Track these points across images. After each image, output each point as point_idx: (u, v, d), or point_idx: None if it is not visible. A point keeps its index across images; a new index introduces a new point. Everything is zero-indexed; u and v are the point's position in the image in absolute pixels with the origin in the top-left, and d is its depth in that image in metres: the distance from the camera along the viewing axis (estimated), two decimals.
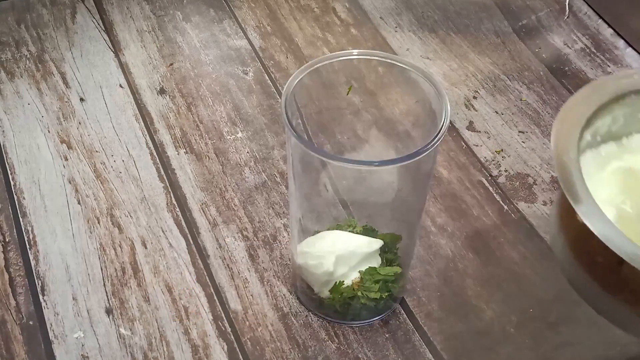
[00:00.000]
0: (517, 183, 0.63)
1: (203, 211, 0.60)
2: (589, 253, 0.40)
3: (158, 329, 0.53)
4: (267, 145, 0.65)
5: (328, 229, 0.53)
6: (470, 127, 0.67)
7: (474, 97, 0.70)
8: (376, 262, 0.51)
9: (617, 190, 0.43)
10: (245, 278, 0.56)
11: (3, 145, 0.64)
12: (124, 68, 0.72)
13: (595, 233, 0.36)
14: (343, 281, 0.50)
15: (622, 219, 0.41)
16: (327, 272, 0.50)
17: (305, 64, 0.46)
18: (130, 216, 0.59)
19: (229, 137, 0.66)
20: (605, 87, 0.45)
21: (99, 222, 0.59)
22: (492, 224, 0.60)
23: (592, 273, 0.41)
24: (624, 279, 0.38)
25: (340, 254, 0.50)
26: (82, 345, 0.52)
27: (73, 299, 0.54)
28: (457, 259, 0.57)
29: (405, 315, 0.54)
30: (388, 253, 0.52)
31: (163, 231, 0.58)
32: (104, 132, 0.66)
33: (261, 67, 0.72)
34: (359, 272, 0.51)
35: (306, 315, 0.54)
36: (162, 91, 0.70)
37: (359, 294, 0.50)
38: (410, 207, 0.50)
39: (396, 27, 0.77)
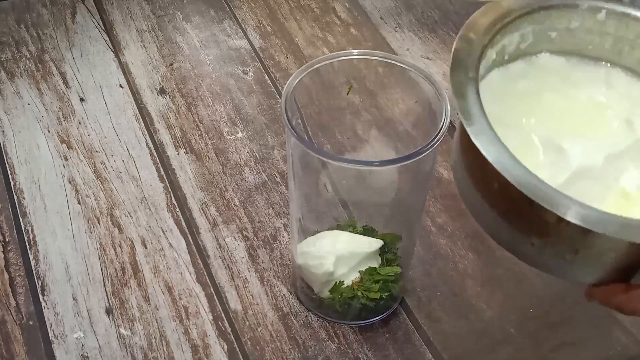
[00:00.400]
0: None
1: (203, 211, 0.60)
2: (485, 178, 0.37)
3: (158, 329, 0.53)
4: (267, 145, 0.65)
5: (328, 229, 0.53)
6: None
7: None
8: (376, 262, 0.51)
9: (522, 110, 0.41)
10: (245, 278, 0.56)
11: (3, 145, 0.64)
12: (124, 68, 0.72)
13: (485, 155, 0.34)
14: (343, 281, 0.50)
15: (523, 143, 0.39)
16: (328, 272, 0.50)
17: (305, 64, 0.46)
18: (130, 216, 0.59)
19: (229, 137, 0.66)
20: (511, 2, 0.42)
21: (99, 222, 0.59)
22: None
23: (489, 199, 0.38)
24: (516, 205, 0.36)
25: (340, 254, 0.50)
26: (82, 345, 0.52)
27: (73, 299, 0.54)
28: (457, 259, 0.57)
29: (405, 315, 0.54)
30: (388, 253, 0.52)
31: (163, 231, 0.58)
32: (104, 132, 0.66)
33: (261, 67, 0.72)
34: (359, 272, 0.51)
35: (306, 315, 0.54)
36: (162, 91, 0.70)
37: (359, 294, 0.50)
38: (410, 207, 0.50)
39: (396, 27, 0.77)
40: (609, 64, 0.44)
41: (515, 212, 0.37)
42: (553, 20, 0.43)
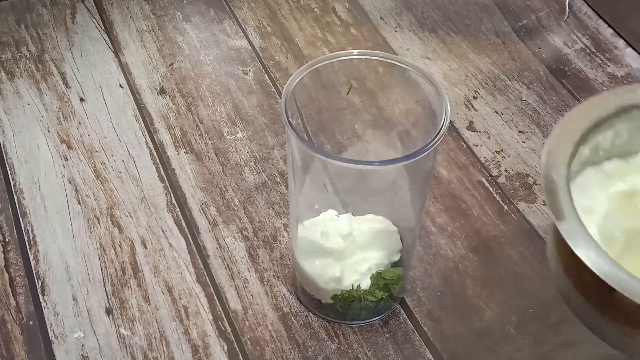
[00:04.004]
0: (517, 183, 0.63)
1: (203, 211, 0.60)
2: (578, 271, 0.38)
3: (158, 329, 0.53)
4: (267, 145, 0.65)
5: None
6: (470, 127, 0.67)
7: (474, 97, 0.70)
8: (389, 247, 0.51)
9: (616, 212, 0.41)
10: (245, 278, 0.56)
11: (3, 145, 0.64)
12: (124, 68, 0.72)
13: (575, 251, 0.35)
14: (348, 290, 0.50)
15: (611, 243, 0.39)
16: (333, 277, 0.50)
17: (305, 64, 0.46)
18: (130, 216, 0.59)
19: (229, 137, 0.66)
20: (606, 100, 0.42)
21: (99, 222, 0.59)
22: (492, 224, 0.60)
23: (582, 291, 0.39)
24: (610, 298, 0.37)
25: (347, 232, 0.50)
26: (82, 345, 0.52)
27: (73, 299, 0.54)
28: (457, 259, 0.57)
29: (405, 315, 0.54)
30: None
31: (163, 231, 0.58)
32: (104, 132, 0.66)
33: (261, 67, 0.72)
34: (370, 277, 0.50)
35: (306, 315, 0.54)
36: (162, 91, 0.70)
37: (360, 295, 0.50)
38: (410, 207, 0.50)
39: (396, 27, 0.77)
40: None
41: (609, 306, 0.38)
42: None
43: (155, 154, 0.64)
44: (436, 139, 0.42)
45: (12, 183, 0.61)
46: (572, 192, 0.38)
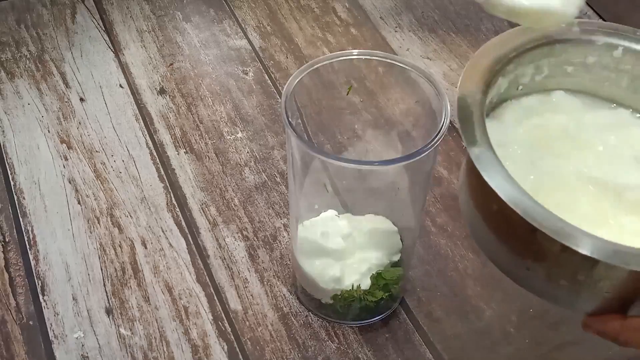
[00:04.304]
0: None
1: (203, 211, 0.60)
2: (485, 200, 0.37)
3: (158, 329, 0.53)
4: (267, 145, 0.65)
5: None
6: None
7: None
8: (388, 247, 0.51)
9: (528, 148, 0.41)
10: (245, 278, 0.56)
11: (3, 145, 0.64)
12: (124, 68, 0.72)
13: (484, 176, 0.34)
14: (348, 290, 0.50)
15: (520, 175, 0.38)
16: (334, 277, 0.50)
17: (305, 64, 0.46)
18: (130, 216, 0.59)
19: (229, 137, 0.66)
20: (527, 33, 0.41)
21: (99, 222, 0.59)
22: None
23: (489, 222, 0.38)
24: (514, 227, 0.36)
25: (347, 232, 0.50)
26: (82, 345, 0.52)
27: (73, 299, 0.54)
28: (457, 259, 0.57)
29: (405, 315, 0.54)
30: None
31: (163, 231, 0.58)
32: (104, 132, 0.66)
33: (261, 67, 0.72)
34: (370, 277, 0.50)
35: (306, 315, 0.54)
36: (162, 91, 0.70)
37: (360, 295, 0.50)
38: (410, 207, 0.50)
39: (396, 27, 0.77)
40: (622, 108, 0.44)
41: (513, 236, 0.37)
42: (569, 54, 0.43)
43: (155, 154, 0.64)
44: (436, 139, 0.42)
45: (12, 183, 0.61)
46: (488, 123, 0.37)
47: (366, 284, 0.50)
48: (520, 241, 0.36)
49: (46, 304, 0.54)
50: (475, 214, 0.39)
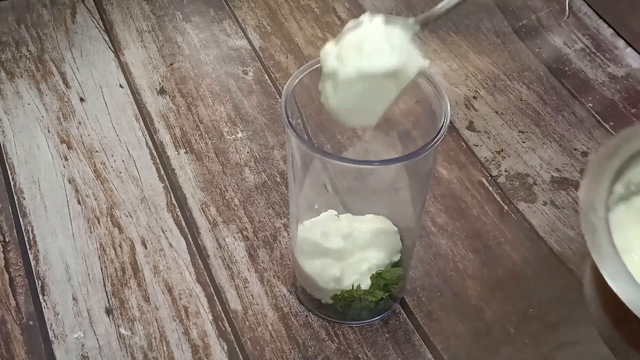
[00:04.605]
0: (517, 183, 0.63)
1: (203, 211, 0.60)
2: (625, 318, 0.36)
3: (158, 329, 0.53)
4: (267, 145, 0.65)
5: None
6: (470, 127, 0.67)
7: (474, 97, 0.70)
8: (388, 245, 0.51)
9: None
10: (245, 278, 0.56)
11: (3, 145, 0.64)
12: (124, 68, 0.72)
13: (622, 298, 0.34)
14: (348, 290, 0.50)
15: None
16: (334, 277, 0.50)
17: (305, 64, 0.46)
18: (130, 216, 0.59)
19: (229, 137, 0.66)
20: (636, 135, 0.41)
21: (99, 222, 0.59)
22: (492, 224, 0.60)
23: (629, 340, 0.38)
24: None
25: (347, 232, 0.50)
26: (82, 345, 0.52)
27: (73, 299, 0.54)
28: (457, 259, 0.57)
29: (405, 315, 0.54)
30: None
31: (163, 231, 0.58)
32: (104, 132, 0.66)
33: (261, 67, 0.72)
34: (370, 278, 0.50)
35: (306, 315, 0.54)
36: (162, 91, 0.70)
37: (360, 295, 0.50)
38: (410, 207, 0.50)
39: None
40: None
41: None
42: None
43: (155, 154, 0.64)
44: (436, 139, 0.42)
45: (12, 183, 0.61)
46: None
47: (366, 284, 0.50)
48: None
49: (46, 304, 0.54)
50: (614, 332, 0.40)
